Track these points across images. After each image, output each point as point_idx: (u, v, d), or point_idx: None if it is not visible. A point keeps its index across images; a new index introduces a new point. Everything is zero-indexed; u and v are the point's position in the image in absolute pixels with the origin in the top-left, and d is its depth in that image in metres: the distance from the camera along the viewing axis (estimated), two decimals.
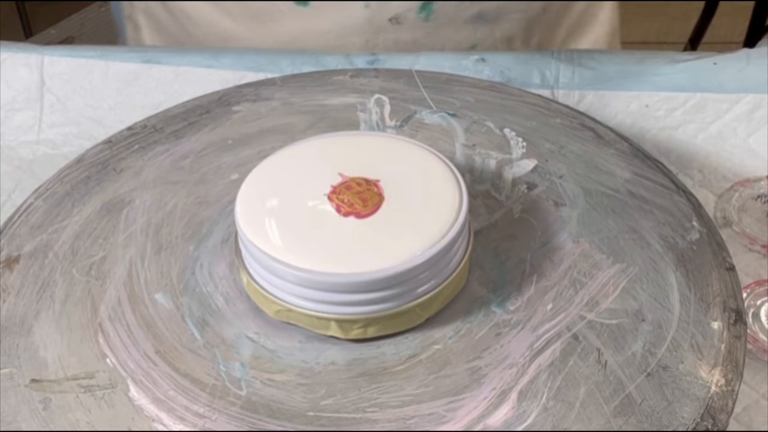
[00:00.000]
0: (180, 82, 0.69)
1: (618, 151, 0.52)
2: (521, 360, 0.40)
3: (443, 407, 0.38)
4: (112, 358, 0.41)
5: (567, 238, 0.46)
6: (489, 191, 0.49)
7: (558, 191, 0.49)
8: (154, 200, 0.50)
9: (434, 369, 0.40)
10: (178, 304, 0.44)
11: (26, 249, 0.47)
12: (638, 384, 0.39)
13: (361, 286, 0.39)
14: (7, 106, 0.67)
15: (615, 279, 0.44)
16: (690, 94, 0.65)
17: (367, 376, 0.40)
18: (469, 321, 0.42)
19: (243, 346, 0.42)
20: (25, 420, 0.39)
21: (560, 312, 0.42)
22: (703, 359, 0.40)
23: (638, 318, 0.42)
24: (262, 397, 0.39)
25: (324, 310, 0.41)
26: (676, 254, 0.45)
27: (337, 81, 0.59)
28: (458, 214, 0.41)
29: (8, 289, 0.44)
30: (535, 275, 0.44)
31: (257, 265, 0.41)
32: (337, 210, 0.41)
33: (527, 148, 0.52)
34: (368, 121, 0.55)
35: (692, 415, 0.38)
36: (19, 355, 0.41)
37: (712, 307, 0.42)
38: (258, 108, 0.57)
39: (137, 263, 0.46)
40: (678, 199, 0.48)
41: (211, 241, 0.47)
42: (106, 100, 0.69)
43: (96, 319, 0.43)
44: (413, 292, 0.41)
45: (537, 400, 0.38)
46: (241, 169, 0.51)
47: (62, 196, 0.50)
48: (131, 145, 0.54)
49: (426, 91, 0.56)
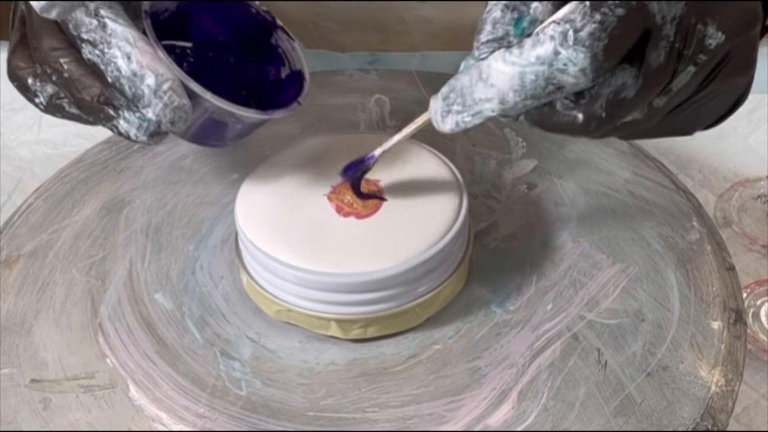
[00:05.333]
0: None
1: (618, 151, 0.52)
2: (521, 360, 0.40)
3: (443, 407, 0.38)
4: (112, 358, 0.41)
5: (567, 238, 0.46)
6: (489, 191, 0.49)
7: (558, 191, 0.49)
8: (154, 200, 0.50)
9: (434, 369, 0.40)
10: (178, 304, 0.44)
11: (26, 249, 0.47)
12: (638, 384, 0.39)
13: (361, 286, 0.39)
14: (7, 106, 0.67)
15: (615, 279, 0.44)
16: None
17: (367, 376, 0.40)
18: (469, 321, 0.42)
19: (243, 346, 0.42)
20: (25, 420, 0.39)
21: (560, 312, 0.42)
22: (703, 359, 0.40)
23: (638, 318, 0.42)
24: (262, 397, 0.39)
25: (324, 310, 0.41)
26: (676, 254, 0.45)
27: (337, 81, 0.59)
28: (458, 214, 0.41)
29: (8, 289, 0.44)
30: (535, 275, 0.44)
31: (257, 265, 0.41)
32: (337, 210, 0.41)
33: (527, 148, 0.52)
34: (368, 121, 0.55)
35: (692, 415, 0.38)
36: (19, 355, 0.41)
37: (712, 307, 0.42)
38: None
39: (137, 263, 0.46)
40: (678, 199, 0.48)
41: (211, 241, 0.47)
42: None
43: (96, 319, 0.43)
44: (413, 292, 0.41)
45: (537, 400, 0.38)
46: (241, 169, 0.51)
47: (62, 196, 0.50)
48: (131, 145, 0.54)
49: (426, 91, 0.56)
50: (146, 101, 0.36)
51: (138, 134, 0.37)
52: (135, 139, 0.38)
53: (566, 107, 0.33)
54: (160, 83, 0.36)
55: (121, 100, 0.37)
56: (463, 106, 0.34)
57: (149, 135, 0.37)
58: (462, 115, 0.34)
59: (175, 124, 0.37)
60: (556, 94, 0.32)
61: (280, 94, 0.45)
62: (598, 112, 0.33)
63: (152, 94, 0.36)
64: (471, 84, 0.33)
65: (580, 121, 0.33)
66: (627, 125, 0.34)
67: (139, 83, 0.36)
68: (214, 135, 0.43)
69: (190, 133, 0.42)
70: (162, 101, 0.36)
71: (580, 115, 0.33)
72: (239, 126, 0.42)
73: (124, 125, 0.37)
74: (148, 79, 0.36)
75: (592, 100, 0.32)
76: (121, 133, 0.37)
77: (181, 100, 0.37)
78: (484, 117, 0.33)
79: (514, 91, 0.32)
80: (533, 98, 0.32)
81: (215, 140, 0.44)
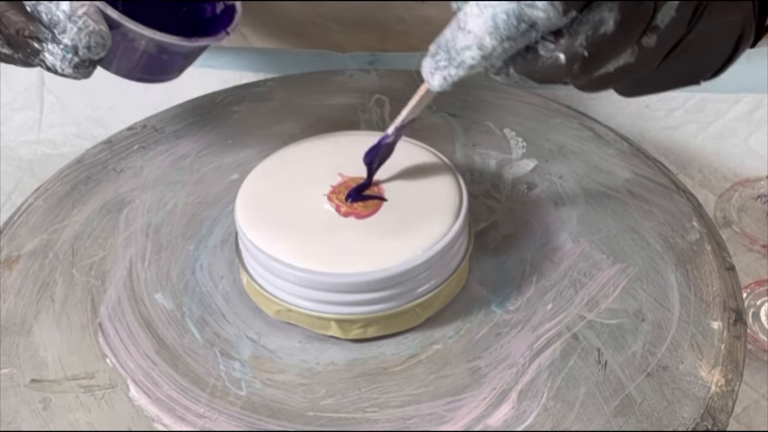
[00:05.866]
0: (180, 82, 0.68)
1: (618, 151, 0.52)
2: (521, 360, 0.40)
3: (443, 407, 0.38)
4: (112, 358, 0.41)
5: (567, 238, 0.46)
6: (489, 191, 0.49)
7: (558, 191, 0.49)
8: (154, 200, 0.50)
9: (434, 369, 0.40)
10: (178, 304, 0.44)
11: (26, 249, 0.47)
12: (638, 384, 0.39)
13: (361, 286, 0.39)
14: (7, 106, 0.67)
15: (615, 279, 0.44)
16: (690, 94, 0.65)
17: (367, 376, 0.40)
18: (469, 321, 0.42)
19: (243, 346, 0.42)
20: (25, 420, 0.39)
21: (560, 312, 0.42)
22: (703, 359, 0.40)
23: (638, 318, 0.42)
24: (262, 397, 0.39)
25: (324, 310, 0.41)
26: (676, 254, 0.45)
27: (337, 81, 0.59)
28: (458, 214, 0.41)
29: (8, 289, 0.44)
30: (535, 275, 0.44)
31: (257, 265, 0.41)
32: (336, 210, 0.41)
33: (527, 148, 0.52)
34: (368, 121, 0.55)
35: (692, 415, 0.38)
36: (19, 355, 0.41)
37: (712, 307, 0.42)
38: (258, 108, 0.57)
39: (137, 263, 0.46)
40: (678, 199, 0.48)
41: (211, 241, 0.47)
42: (106, 100, 0.69)
43: (96, 319, 0.43)
44: (413, 292, 0.41)
45: (537, 400, 0.38)
46: (241, 169, 0.51)
47: (62, 196, 0.50)
48: (131, 145, 0.54)
49: None
50: (62, 27, 0.38)
51: (63, 66, 0.39)
52: (62, 72, 0.40)
53: (548, 50, 0.33)
54: (74, 9, 0.38)
55: (45, 33, 0.39)
56: (449, 61, 0.33)
57: (74, 66, 0.39)
58: (448, 69, 0.34)
59: (92, 49, 0.39)
60: (531, 33, 0.32)
61: (216, 29, 0.48)
62: (579, 51, 0.32)
63: (67, 19, 0.38)
64: (453, 36, 0.33)
65: (563, 61, 0.32)
66: (621, 72, 0.34)
67: (54, 9, 0.38)
68: (149, 70, 0.45)
69: (125, 68, 0.44)
70: (77, 25, 0.38)
71: (562, 56, 0.32)
72: (167, 57, 0.44)
73: (50, 58, 0.39)
74: (63, 5, 0.38)
75: (571, 38, 0.32)
76: (50, 68, 0.39)
77: (97, 25, 0.39)
78: (468, 67, 0.33)
79: (490, 34, 0.32)
80: (509, 39, 0.32)
81: (151, 75, 0.46)
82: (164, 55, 0.44)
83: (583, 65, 0.33)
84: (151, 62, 0.44)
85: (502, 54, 0.33)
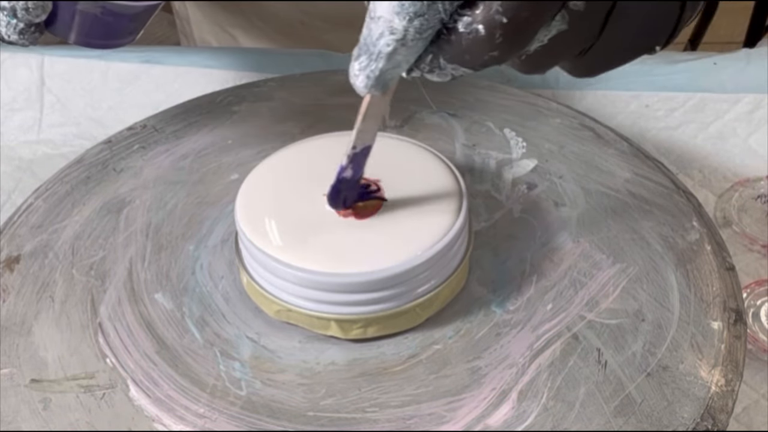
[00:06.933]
0: (180, 82, 0.69)
1: (618, 151, 0.52)
2: (521, 360, 0.40)
3: (443, 407, 0.38)
4: (112, 358, 0.41)
5: (567, 238, 0.46)
6: (489, 191, 0.49)
7: (558, 191, 0.49)
8: (154, 200, 0.50)
9: (434, 369, 0.40)
10: (178, 304, 0.44)
11: (26, 249, 0.47)
12: (638, 384, 0.39)
13: (361, 286, 0.39)
14: (7, 106, 0.67)
15: (615, 279, 0.44)
16: (690, 94, 0.65)
17: (367, 376, 0.40)
18: (469, 321, 0.42)
19: (243, 346, 0.42)
20: (25, 420, 0.39)
21: (560, 312, 0.42)
22: (703, 359, 0.40)
23: (638, 318, 0.42)
24: (262, 397, 0.39)
25: (324, 310, 0.41)
26: (676, 254, 0.45)
27: (337, 81, 0.59)
28: (458, 214, 0.41)
29: (8, 289, 0.44)
30: (535, 275, 0.44)
31: (257, 265, 0.41)
32: (336, 210, 0.41)
33: (527, 148, 0.52)
34: None
35: (692, 415, 0.38)
36: (19, 355, 0.41)
37: (712, 307, 0.42)
38: (258, 108, 0.57)
39: (137, 263, 0.46)
40: (678, 199, 0.48)
41: (211, 241, 0.47)
42: (106, 100, 0.69)
43: (96, 319, 0.43)
44: (413, 292, 0.41)
45: (537, 400, 0.38)
46: (241, 169, 0.51)
47: (62, 196, 0.50)
48: (131, 145, 0.54)
49: (426, 91, 0.56)
50: None
51: (8, 32, 0.40)
52: (8, 39, 0.40)
53: (467, 24, 0.30)
54: None
55: None
56: (369, 57, 0.32)
57: (19, 32, 0.40)
58: (370, 66, 0.32)
59: (31, 11, 0.39)
60: (437, 6, 0.30)
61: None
62: (497, 18, 0.30)
63: None
64: (368, 30, 0.31)
65: (483, 32, 0.30)
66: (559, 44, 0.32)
67: None
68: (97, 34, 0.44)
69: (74, 34, 0.44)
70: None
71: (481, 26, 0.30)
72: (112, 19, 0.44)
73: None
74: None
75: (486, 6, 0.30)
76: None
77: None
78: (386, 56, 0.31)
79: (397, 14, 0.30)
80: (418, 16, 0.30)
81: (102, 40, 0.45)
82: (109, 17, 0.43)
83: (506, 33, 0.30)
84: (97, 25, 0.44)
85: (417, 35, 0.31)
